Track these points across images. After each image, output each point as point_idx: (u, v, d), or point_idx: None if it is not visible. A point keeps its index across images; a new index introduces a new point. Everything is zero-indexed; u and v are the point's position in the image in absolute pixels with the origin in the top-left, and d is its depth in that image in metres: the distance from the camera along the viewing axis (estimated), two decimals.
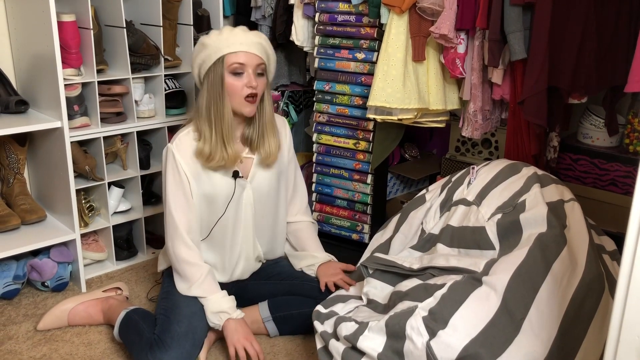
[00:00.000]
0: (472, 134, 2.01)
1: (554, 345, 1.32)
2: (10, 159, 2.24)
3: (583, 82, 1.80)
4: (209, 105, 1.77)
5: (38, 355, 1.87)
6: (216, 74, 1.75)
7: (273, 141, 1.85)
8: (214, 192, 1.83)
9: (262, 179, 1.89)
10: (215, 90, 1.76)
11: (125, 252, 2.43)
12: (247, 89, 1.75)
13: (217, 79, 1.75)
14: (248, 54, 1.75)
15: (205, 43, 1.78)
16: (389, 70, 1.97)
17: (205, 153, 1.78)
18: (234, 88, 1.75)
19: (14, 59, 2.28)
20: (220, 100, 1.76)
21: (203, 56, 1.78)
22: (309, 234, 2.05)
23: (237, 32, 1.77)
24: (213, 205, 1.85)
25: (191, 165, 1.80)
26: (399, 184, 2.70)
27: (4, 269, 2.13)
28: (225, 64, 1.74)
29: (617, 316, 0.83)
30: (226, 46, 1.74)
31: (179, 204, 1.81)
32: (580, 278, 1.42)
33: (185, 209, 1.82)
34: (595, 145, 2.19)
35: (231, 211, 1.87)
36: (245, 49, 1.74)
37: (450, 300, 1.38)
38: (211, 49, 1.75)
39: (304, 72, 2.76)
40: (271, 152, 1.85)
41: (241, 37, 1.75)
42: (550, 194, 1.62)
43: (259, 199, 1.90)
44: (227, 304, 1.79)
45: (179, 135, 1.83)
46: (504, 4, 1.77)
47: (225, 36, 1.75)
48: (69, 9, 2.13)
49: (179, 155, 1.79)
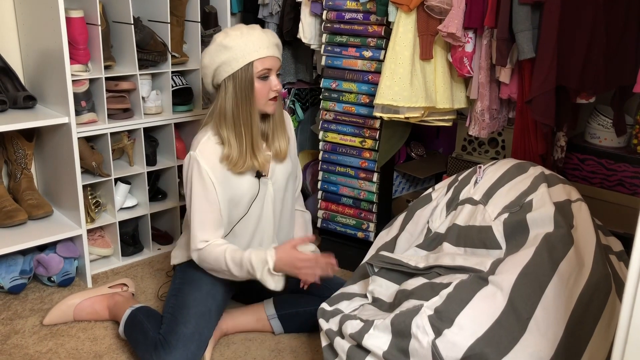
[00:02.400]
0: (479, 133, 2.00)
1: (560, 345, 1.32)
2: (17, 154, 2.25)
3: (591, 81, 1.79)
4: (237, 110, 1.74)
5: (44, 349, 1.87)
6: (245, 78, 1.72)
7: (283, 137, 1.87)
8: (240, 194, 1.82)
9: (279, 174, 1.89)
10: (244, 95, 1.73)
11: (131, 248, 2.44)
12: (272, 92, 1.76)
13: (247, 84, 1.72)
14: (273, 58, 1.75)
15: (228, 45, 1.71)
16: (397, 69, 1.97)
17: (233, 159, 1.76)
18: (262, 92, 1.75)
19: (22, 54, 2.29)
20: (250, 105, 1.74)
21: (225, 58, 1.72)
22: (298, 224, 2.07)
23: (259, 34, 1.73)
24: (237, 205, 1.84)
25: (217, 171, 1.77)
26: (404, 183, 2.69)
27: (10, 264, 2.14)
28: (255, 69, 1.72)
29: (626, 316, 0.82)
30: (254, 51, 1.71)
31: (204, 210, 1.77)
32: (587, 278, 1.42)
33: (210, 214, 1.78)
34: (602, 145, 2.18)
35: (256, 210, 1.86)
36: (271, 53, 1.74)
37: (456, 299, 1.38)
38: (237, 52, 1.70)
39: (310, 69, 2.76)
40: (282, 149, 1.86)
41: (265, 41, 1.73)
42: (558, 193, 1.62)
43: (278, 194, 1.90)
44: (261, 256, 1.74)
45: (200, 141, 1.77)
46: (513, 3, 1.76)
47: (252, 40, 1.71)
48: (77, 5, 2.14)
49: (204, 162, 1.75)
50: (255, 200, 1.84)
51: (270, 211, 1.89)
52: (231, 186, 1.80)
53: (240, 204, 1.84)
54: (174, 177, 2.48)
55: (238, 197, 1.82)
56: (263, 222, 1.90)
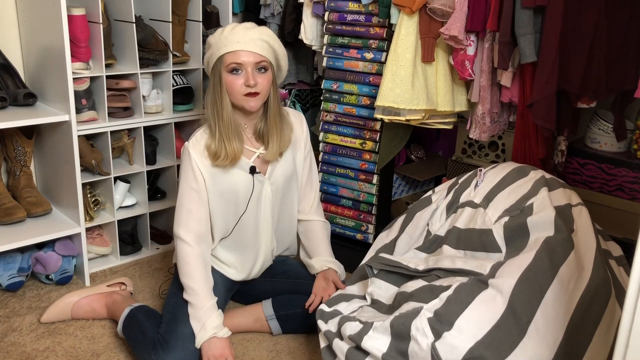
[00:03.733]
0: (479, 137, 2.01)
1: (559, 349, 1.32)
2: (17, 152, 2.25)
3: (593, 86, 1.79)
4: (212, 103, 1.79)
5: (41, 347, 1.87)
6: (216, 73, 1.77)
7: (277, 139, 1.83)
8: (233, 189, 1.82)
9: (278, 174, 1.88)
10: (215, 89, 1.77)
11: (129, 247, 2.43)
12: (245, 87, 1.75)
13: (217, 78, 1.77)
14: (245, 52, 1.73)
15: (209, 42, 1.80)
16: (398, 71, 1.97)
17: (212, 150, 1.78)
18: (232, 86, 1.75)
19: (23, 51, 2.29)
20: (220, 97, 1.77)
21: (208, 55, 1.80)
22: (320, 236, 2.01)
23: (237, 30, 1.75)
24: (234, 203, 1.84)
25: (207, 163, 1.80)
26: (404, 185, 2.69)
27: (8, 261, 2.13)
28: (224, 63, 1.74)
29: (627, 322, 0.82)
30: (224, 46, 1.74)
31: (192, 200, 1.80)
32: (587, 282, 1.42)
33: (196, 206, 1.80)
34: (603, 150, 2.18)
35: (252, 209, 1.86)
36: (242, 47, 1.73)
37: (456, 302, 1.37)
38: (213, 48, 1.77)
39: (311, 70, 2.76)
40: (273, 151, 1.83)
41: (240, 36, 1.73)
42: (558, 197, 1.62)
43: (276, 194, 1.89)
44: (216, 321, 1.74)
45: (196, 134, 1.82)
46: (515, 7, 1.76)
47: (225, 35, 1.75)
48: (79, 3, 2.14)
49: (195, 154, 1.79)
50: (251, 198, 1.84)
51: (269, 211, 1.89)
52: (223, 179, 1.81)
53: (236, 200, 1.83)
54: (173, 177, 2.48)
55: (230, 191, 1.82)
56: (261, 223, 1.89)
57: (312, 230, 2.01)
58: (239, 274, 1.94)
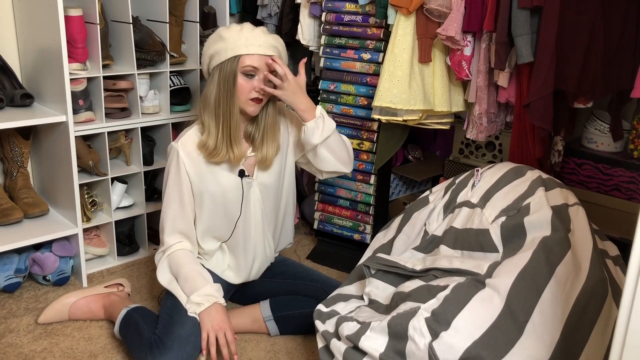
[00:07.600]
0: (476, 137, 2.01)
1: (556, 348, 1.32)
2: (14, 152, 2.24)
3: (589, 86, 1.80)
4: (217, 100, 1.74)
5: (39, 348, 1.87)
6: (229, 71, 1.72)
7: (271, 146, 1.82)
8: (222, 191, 1.82)
9: (266, 175, 1.88)
10: (226, 87, 1.73)
11: (126, 247, 2.43)
12: (254, 93, 1.74)
13: (230, 76, 1.72)
14: (263, 57, 1.72)
15: (223, 36, 1.73)
16: (395, 71, 1.97)
17: (209, 147, 1.76)
18: (242, 88, 1.73)
19: (20, 52, 2.28)
20: (230, 98, 1.73)
21: (218, 48, 1.73)
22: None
23: (257, 33, 1.73)
24: (226, 206, 1.84)
25: (195, 163, 1.79)
26: (401, 185, 2.70)
27: (5, 262, 2.13)
28: (240, 63, 1.71)
29: (623, 321, 0.82)
30: (244, 46, 1.70)
31: (175, 200, 1.80)
32: (583, 282, 1.42)
33: (180, 206, 1.81)
34: (599, 150, 2.19)
35: (243, 211, 1.86)
36: (263, 52, 1.72)
37: (453, 301, 1.38)
38: (229, 43, 1.71)
39: (308, 71, 2.76)
40: (267, 157, 1.82)
41: (261, 39, 1.72)
42: (555, 197, 1.62)
43: (266, 195, 1.89)
44: (213, 289, 1.76)
45: (186, 133, 1.81)
46: (512, 7, 1.77)
47: (246, 35, 1.71)
48: (75, 4, 2.14)
49: (183, 154, 1.78)
50: (243, 201, 1.84)
51: (259, 212, 1.88)
52: (210, 180, 1.80)
53: (226, 203, 1.83)
54: None
55: (220, 193, 1.81)
56: (252, 225, 1.88)
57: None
58: (237, 277, 1.94)
